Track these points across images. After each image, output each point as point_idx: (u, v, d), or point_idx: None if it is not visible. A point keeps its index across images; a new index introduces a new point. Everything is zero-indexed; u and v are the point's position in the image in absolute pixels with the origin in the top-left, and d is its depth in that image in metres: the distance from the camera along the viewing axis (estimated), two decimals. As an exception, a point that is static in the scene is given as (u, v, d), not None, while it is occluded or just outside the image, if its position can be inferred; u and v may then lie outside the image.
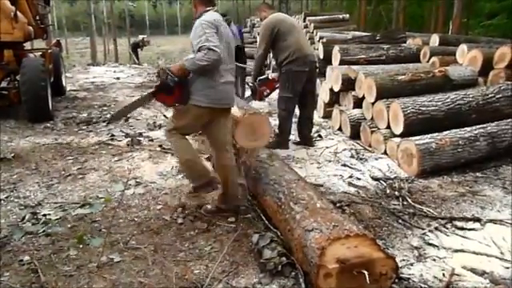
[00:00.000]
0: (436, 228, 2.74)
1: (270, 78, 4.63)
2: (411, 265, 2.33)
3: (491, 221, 2.83)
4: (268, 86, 4.57)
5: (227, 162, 2.85)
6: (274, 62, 7.03)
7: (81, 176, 3.59)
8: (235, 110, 3.37)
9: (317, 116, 5.40)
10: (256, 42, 12.30)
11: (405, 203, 3.14)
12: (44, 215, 2.82)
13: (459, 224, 2.80)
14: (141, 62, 15.95)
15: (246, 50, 7.26)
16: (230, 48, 2.77)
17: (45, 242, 2.49)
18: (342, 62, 5.65)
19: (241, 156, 3.30)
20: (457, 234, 2.68)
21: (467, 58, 5.24)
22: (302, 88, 4.32)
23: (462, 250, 2.48)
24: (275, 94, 4.77)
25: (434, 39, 6.91)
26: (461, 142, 3.75)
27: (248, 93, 5.59)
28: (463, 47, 5.40)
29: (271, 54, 4.88)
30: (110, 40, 22.49)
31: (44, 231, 2.60)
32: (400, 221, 2.86)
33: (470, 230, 2.73)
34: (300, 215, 2.24)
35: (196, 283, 2.13)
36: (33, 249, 2.42)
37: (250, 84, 4.58)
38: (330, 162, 4.09)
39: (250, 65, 6.51)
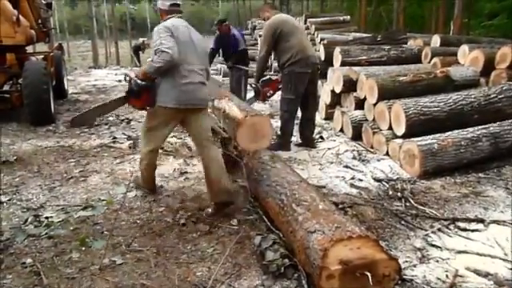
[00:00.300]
0: (439, 229, 2.73)
1: (272, 78, 4.62)
2: (414, 266, 2.32)
3: (494, 222, 2.82)
4: (271, 86, 4.58)
5: (205, 158, 2.93)
6: (275, 64, 7.03)
7: (83, 178, 3.59)
8: (237, 112, 3.37)
9: (318, 117, 5.40)
10: (257, 44, 12.33)
11: (407, 204, 3.13)
12: (46, 218, 2.82)
13: (462, 225, 2.79)
14: (142, 64, 15.97)
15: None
16: (196, 50, 2.83)
17: (47, 245, 2.49)
18: (343, 64, 5.64)
19: (243, 158, 3.30)
20: (460, 235, 2.67)
21: (469, 59, 5.23)
22: (304, 89, 4.32)
23: (465, 251, 2.47)
24: (277, 96, 4.77)
25: (435, 40, 6.91)
26: (463, 142, 3.74)
27: (250, 94, 5.59)
28: (464, 48, 5.40)
29: (272, 56, 4.87)
30: (111, 43, 22.59)
31: (46, 234, 2.60)
32: (403, 222, 2.85)
33: (473, 230, 2.72)
34: (302, 217, 2.23)
35: (198, 285, 2.12)
36: (35, 251, 2.42)
37: (253, 85, 4.57)
38: (331, 163, 4.09)
39: (252, 67, 6.52)
